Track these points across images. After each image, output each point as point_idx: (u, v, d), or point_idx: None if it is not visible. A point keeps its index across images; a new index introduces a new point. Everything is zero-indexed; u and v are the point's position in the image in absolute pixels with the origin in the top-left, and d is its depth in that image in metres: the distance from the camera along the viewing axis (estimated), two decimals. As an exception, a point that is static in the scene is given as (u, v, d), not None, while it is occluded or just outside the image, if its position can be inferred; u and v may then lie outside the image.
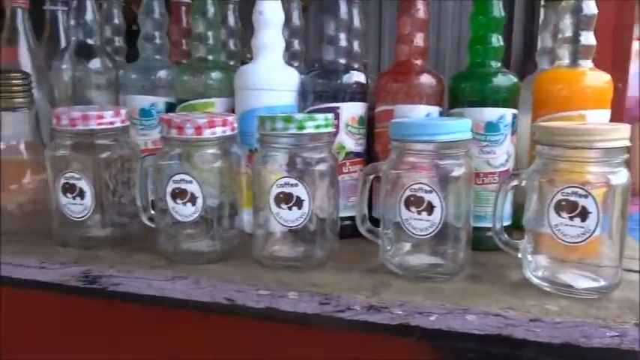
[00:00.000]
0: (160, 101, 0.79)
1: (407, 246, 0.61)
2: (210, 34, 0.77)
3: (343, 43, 0.73)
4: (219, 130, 0.61)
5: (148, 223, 0.68)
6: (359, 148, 0.74)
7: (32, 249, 0.68)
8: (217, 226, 0.63)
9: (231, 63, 0.89)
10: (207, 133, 0.60)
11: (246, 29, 0.79)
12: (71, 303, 0.67)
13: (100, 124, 0.64)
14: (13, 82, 0.70)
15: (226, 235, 0.65)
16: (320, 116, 0.59)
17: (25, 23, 0.82)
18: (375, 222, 0.65)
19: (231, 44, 0.88)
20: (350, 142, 0.72)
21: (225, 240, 0.65)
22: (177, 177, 0.60)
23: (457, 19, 2.44)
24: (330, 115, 0.61)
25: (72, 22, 0.81)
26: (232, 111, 0.77)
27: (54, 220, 0.69)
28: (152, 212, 0.68)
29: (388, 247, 0.61)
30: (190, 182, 0.60)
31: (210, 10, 0.76)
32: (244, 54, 1.03)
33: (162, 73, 0.80)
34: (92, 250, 0.68)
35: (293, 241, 0.63)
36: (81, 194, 0.65)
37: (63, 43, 0.92)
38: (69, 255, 0.66)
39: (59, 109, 0.67)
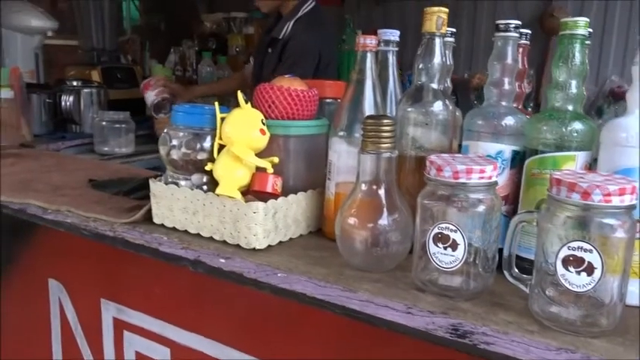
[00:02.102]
0: (507, 149, 0.77)
1: None
2: (573, 82, 0.73)
3: None
4: (627, 198, 0.56)
5: (512, 280, 0.66)
6: None
7: (390, 290, 0.71)
8: (607, 298, 0.59)
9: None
10: (616, 201, 0.56)
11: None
12: (434, 351, 0.68)
13: (481, 178, 0.64)
14: (383, 127, 0.73)
15: (610, 307, 0.60)
16: None
17: (372, 65, 0.86)
18: None
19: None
20: None
21: (608, 312, 0.60)
22: (574, 244, 0.57)
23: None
24: None
25: (419, 66, 0.83)
26: (590, 166, 0.72)
27: (415, 264, 0.71)
28: (516, 270, 0.66)
29: None
30: (589, 252, 0.56)
31: (577, 57, 0.72)
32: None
33: (509, 120, 0.78)
34: (452, 300, 0.68)
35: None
36: (453, 246, 0.65)
37: (391, 83, 0.96)
38: (433, 303, 0.67)
39: (435, 157, 0.68)
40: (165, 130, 0.91)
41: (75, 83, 2.03)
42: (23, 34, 1.94)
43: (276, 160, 0.87)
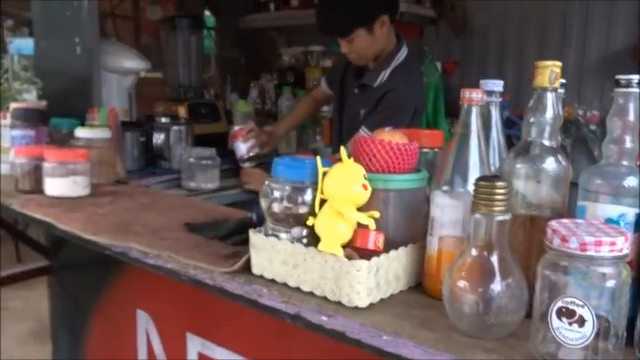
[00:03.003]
0: (631, 212, 0.72)
1: None
2: None
3: None
4: None
5: (645, 361, 0.62)
6: None
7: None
8: None
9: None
10: None
11: None
12: None
13: (611, 251, 0.60)
14: (496, 190, 0.70)
15: None
16: None
17: (477, 120, 0.84)
18: None
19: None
20: None
21: None
22: None
23: None
24: None
25: (530, 120, 0.80)
26: None
27: (533, 335, 0.67)
28: (649, 350, 0.61)
29: None
30: None
31: None
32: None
33: (632, 181, 0.73)
34: (575, 378, 0.63)
35: None
36: (580, 322, 0.61)
37: (494, 133, 0.93)
38: (555, 380, 0.63)
39: (557, 225, 0.65)
40: (267, 183, 0.92)
41: (163, 120, 2.12)
42: (118, 75, 2.05)
43: (377, 214, 0.86)
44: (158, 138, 1.92)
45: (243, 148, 2.02)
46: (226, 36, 3.09)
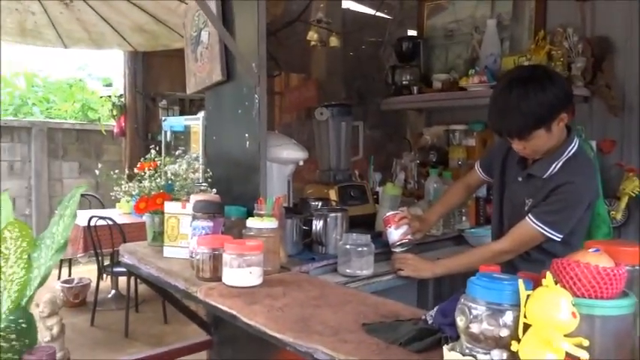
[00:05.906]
0: None
1: None
2: None
3: None
4: None
5: None
6: None
7: None
8: None
9: None
10: None
11: None
12: None
13: None
14: None
15: None
16: None
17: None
18: None
19: None
20: None
21: None
22: None
23: None
24: None
25: None
26: None
27: None
28: None
29: None
30: None
31: None
32: None
33: None
34: None
35: None
36: None
37: None
38: None
39: None
40: (462, 300, 0.93)
41: (317, 204, 2.23)
42: (279, 164, 2.20)
43: (585, 342, 0.83)
44: (317, 225, 2.02)
45: (395, 234, 2.05)
46: (368, 117, 3.21)
